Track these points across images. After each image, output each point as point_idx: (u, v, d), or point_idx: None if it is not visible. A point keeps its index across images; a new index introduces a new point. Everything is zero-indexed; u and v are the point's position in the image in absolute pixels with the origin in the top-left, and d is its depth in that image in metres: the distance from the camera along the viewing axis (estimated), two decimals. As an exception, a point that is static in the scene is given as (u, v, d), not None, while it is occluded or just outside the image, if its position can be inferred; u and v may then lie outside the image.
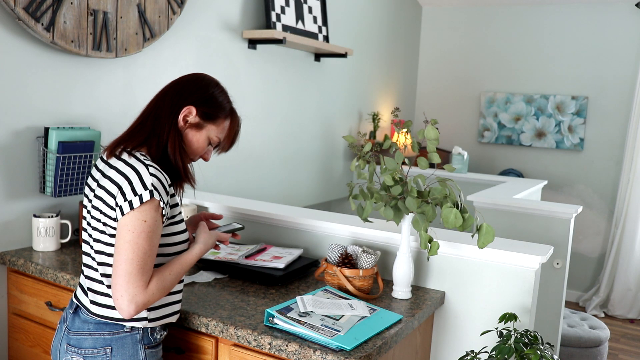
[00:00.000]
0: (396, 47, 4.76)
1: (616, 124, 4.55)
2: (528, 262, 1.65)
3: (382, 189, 1.66)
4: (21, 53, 1.95)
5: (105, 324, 1.35)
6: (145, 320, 1.36)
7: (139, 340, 1.36)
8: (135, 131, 1.39)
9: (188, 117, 1.39)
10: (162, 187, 1.29)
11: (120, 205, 1.26)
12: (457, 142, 5.09)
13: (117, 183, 1.29)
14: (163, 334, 1.43)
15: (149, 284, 1.26)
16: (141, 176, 1.27)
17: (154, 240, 1.28)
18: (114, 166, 1.33)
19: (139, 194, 1.25)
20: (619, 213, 4.47)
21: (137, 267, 1.24)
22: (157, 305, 1.38)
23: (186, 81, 1.43)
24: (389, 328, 1.46)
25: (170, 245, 1.38)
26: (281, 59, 3.31)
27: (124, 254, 1.24)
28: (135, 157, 1.32)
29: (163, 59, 2.53)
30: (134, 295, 1.23)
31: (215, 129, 1.43)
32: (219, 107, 1.43)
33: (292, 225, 2.08)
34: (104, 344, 1.34)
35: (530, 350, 1.42)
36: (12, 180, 1.98)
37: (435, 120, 1.58)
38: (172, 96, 1.40)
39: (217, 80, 1.47)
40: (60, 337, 1.40)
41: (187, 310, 1.52)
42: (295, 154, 3.58)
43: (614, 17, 4.48)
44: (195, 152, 1.43)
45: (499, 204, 2.82)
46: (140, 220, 1.25)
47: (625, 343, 3.96)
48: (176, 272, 1.34)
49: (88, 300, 1.36)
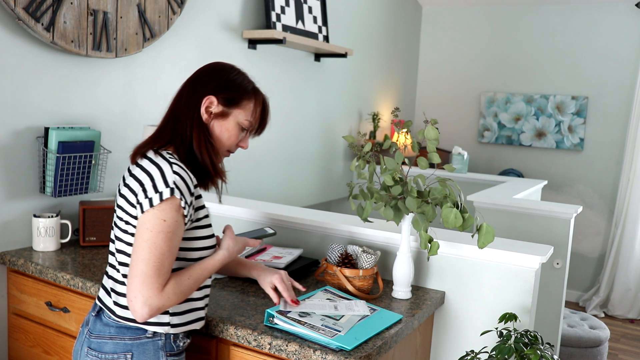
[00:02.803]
0: (396, 47, 4.76)
1: (616, 124, 4.55)
2: (528, 262, 1.65)
3: (382, 189, 1.66)
4: (21, 53, 1.95)
5: (126, 329, 1.30)
6: (167, 325, 1.30)
7: (160, 347, 1.31)
8: (157, 136, 1.34)
9: (210, 108, 1.33)
10: (185, 187, 1.24)
11: (140, 202, 1.22)
12: (457, 142, 5.09)
13: (140, 180, 1.25)
14: (186, 341, 1.38)
15: (164, 287, 1.20)
16: (164, 173, 1.23)
17: (174, 242, 1.22)
18: (139, 164, 1.29)
19: (160, 191, 1.21)
20: (619, 213, 4.47)
21: (154, 268, 1.19)
22: (181, 310, 1.33)
23: (200, 73, 1.38)
24: (389, 328, 1.46)
25: (193, 250, 1.32)
26: (281, 59, 3.31)
27: (141, 253, 1.19)
28: (161, 156, 1.27)
29: (163, 59, 2.53)
30: (148, 298, 1.18)
31: (243, 112, 1.36)
32: (240, 89, 1.36)
33: (292, 225, 2.08)
34: (125, 349, 1.29)
35: (530, 350, 1.42)
36: (12, 180, 1.98)
37: (435, 120, 1.58)
38: (188, 91, 1.35)
39: (232, 64, 1.41)
40: (81, 341, 1.36)
41: (187, 310, 1.52)
42: (295, 154, 3.57)
43: (614, 17, 4.48)
44: (228, 142, 1.37)
45: (499, 204, 2.82)
46: (160, 219, 1.20)
47: (625, 343, 3.96)
48: (195, 277, 1.28)
49: (112, 301, 1.32)
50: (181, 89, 1.39)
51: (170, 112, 1.37)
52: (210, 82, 1.35)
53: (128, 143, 2.36)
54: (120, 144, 2.32)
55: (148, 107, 2.46)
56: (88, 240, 2.07)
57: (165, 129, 1.35)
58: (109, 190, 2.29)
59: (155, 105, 2.49)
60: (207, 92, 1.33)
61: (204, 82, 1.35)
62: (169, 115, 1.36)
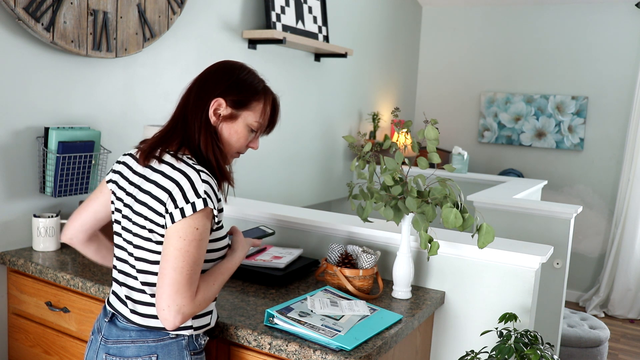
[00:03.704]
0: (396, 47, 4.76)
1: (616, 124, 4.55)
2: (528, 262, 1.65)
3: (382, 189, 1.66)
4: (21, 53, 1.95)
5: (148, 331, 1.28)
6: (191, 328, 1.30)
7: (184, 346, 1.30)
8: (167, 134, 1.31)
9: (219, 110, 1.30)
10: (213, 194, 1.22)
11: (170, 212, 1.19)
12: (457, 142, 5.09)
13: (167, 189, 1.21)
14: (206, 339, 1.37)
15: (196, 295, 1.19)
16: (193, 183, 1.20)
17: (204, 248, 1.21)
18: (159, 170, 1.25)
19: (192, 201, 1.18)
20: (619, 213, 4.47)
21: (187, 276, 1.16)
22: (201, 313, 1.32)
23: (208, 73, 1.33)
24: (389, 328, 1.46)
25: (215, 251, 1.31)
26: (281, 59, 3.31)
27: (173, 262, 1.16)
28: (183, 162, 1.24)
29: (163, 59, 2.53)
30: (182, 306, 1.16)
31: (252, 114, 1.33)
32: (250, 90, 1.32)
33: (292, 225, 2.08)
34: (149, 352, 1.27)
35: (530, 350, 1.42)
36: (12, 180, 1.98)
37: (435, 120, 1.58)
38: (196, 92, 1.31)
39: (241, 63, 1.36)
40: (95, 348, 1.32)
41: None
42: (295, 154, 3.58)
43: (614, 17, 4.48)
44: (237, 144, 1.34)
45: (499, 204, 2.82)
46: (193, 228, 1.18)
47: (625, 343, 3.96)
48: (220, 281, 1.28)
49: (128, 310, 1.29)
50: (189, 88, 1.34)
51: (178, 113, 1.33)
52: (219, 83, 1.31)
53: (128, 143, 2.36)
54: (120, 144, 2.32)
55: (148, 107, 2.46)
56: (88, 240, 2.07)
57: (175, 129, 1.31)
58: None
59: (155, 105, 2.49)
60: (215, 94, 1.29)
61: (212, 82, 1.31)
62: (177, 116, 1.33)
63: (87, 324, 1.75)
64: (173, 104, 1.38)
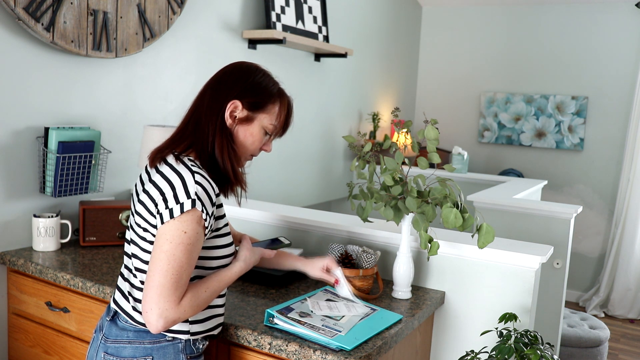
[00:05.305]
0: (396, 47, 4.76)
1: (616, 124, 4.55)
2: (528, 262, 1.65)
3: (382, 189, 1.66)
4: (21, 53, 1.95)
5: (145, 332, 1.27)
6: (187, 333, 1.29)
7: (181, 350, 1.29)
8: (177, 138, 1.30)
9: (235, 113, 1.29)
10: (206, 198, 1.20)
11: (161, 212, 1.18)
12: (457, 142, 5.09)
13: (161, 189, 1.21)
14: (205, 343, 1.36)
15: (181, 300, 1.17)
16: (185, 183, 1.19)
17: (193, 254, 1.19)
18: (160, 171, 1.25)
19: (181, 202, 1.17)
20: (619, 213, 4.47)
21: (172, 280, 1.15)
22: (202, 317, 1.31)
23: (223, 74, 1.32)
24: (389, 328, 1.46)
25: (212, 259, 1.29)
26: (281, 59, 3.31)
27: (159, 264, 1.15)
28: (182, 163, 1.23)
29: (163, 59, 2.53)
30: (164, 310, 1.14)
31: (267, 116, 1.32)
32: (266, 93, 1.32)
33: (292, 225, 2.08)
34: (145, 353, 1.27)
35: (530, 350, 1.42)
36: (12, 180, 1.98)
37: (435, 120, 1.58)
38: (211, 95, 1.30)
39: (256, 65, 1.36)
40: (96, 347, 1.32)
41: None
42: (295, 154, 3.58)
43: (614, 17, 4.48)
44: (252, 147, 1.33)
45: (499, 204, 2.82)
46: (180, 231, 1.16)
47: (625, 343, 3.96)
48: (212, 289, 1.25)
49: (130, 306, 1.29)
50: (203, 90, 1.33)
51: (190, 115, 1.31)
52: (235, 85, 1.30)
53: (128, 143, 2.36)
54: (120, 144, 2.32)
55: (148, 107, 2.46)
56: (88, 240, 2.07)
57: (186, 131, 1.30)
58: (109, 190, 2.30)
59: (155, 105, 2.49)
60: (231, 96, 1.29)
61: (228, 84, 1.30)
62: (190, 118, 1.31)
63: (87, 324, 1.75)
64: (173, 104, 1.38)
